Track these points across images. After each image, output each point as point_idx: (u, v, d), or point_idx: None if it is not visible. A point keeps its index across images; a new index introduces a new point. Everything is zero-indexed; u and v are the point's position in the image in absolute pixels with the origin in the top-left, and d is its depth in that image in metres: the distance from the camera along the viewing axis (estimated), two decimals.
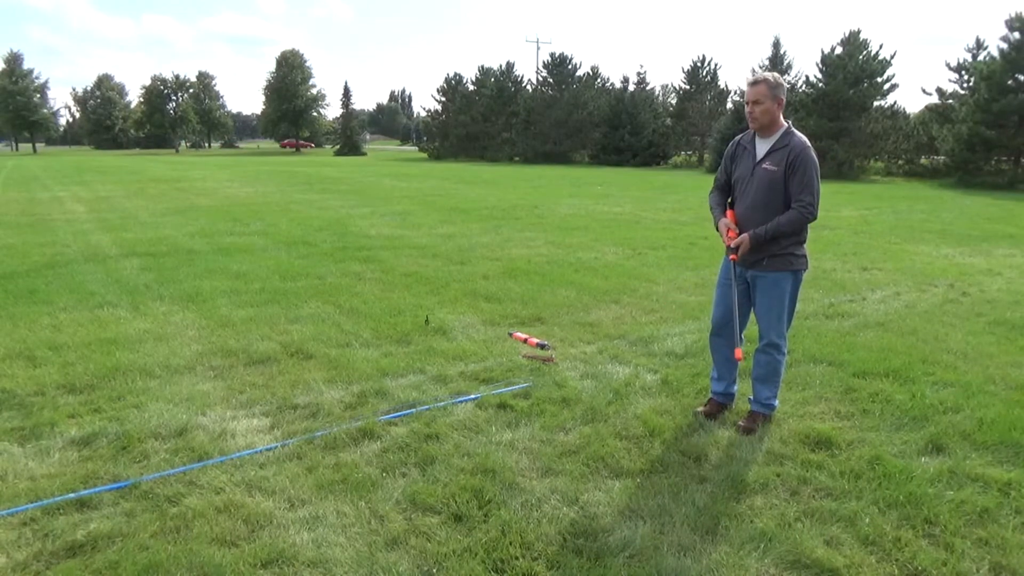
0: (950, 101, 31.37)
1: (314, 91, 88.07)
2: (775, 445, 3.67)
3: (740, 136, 3.95)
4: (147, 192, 20.45)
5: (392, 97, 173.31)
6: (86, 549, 2.77)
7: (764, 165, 3.71)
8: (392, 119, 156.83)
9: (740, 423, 3.92)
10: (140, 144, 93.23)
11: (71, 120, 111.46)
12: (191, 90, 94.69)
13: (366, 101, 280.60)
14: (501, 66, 54.14)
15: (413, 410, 4.12)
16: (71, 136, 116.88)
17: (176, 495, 3.17)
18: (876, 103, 31.94)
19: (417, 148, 72.92)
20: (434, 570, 2.65)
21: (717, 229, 3.93)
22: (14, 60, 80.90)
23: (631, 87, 49.03)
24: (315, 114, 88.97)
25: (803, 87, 35.58)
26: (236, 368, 4.86)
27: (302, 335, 5.55)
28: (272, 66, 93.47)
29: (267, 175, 30.11)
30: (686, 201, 17.97)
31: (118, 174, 30.62)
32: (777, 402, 4.02)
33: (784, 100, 3.73)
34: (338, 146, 77.11)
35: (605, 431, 3.84)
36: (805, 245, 3.81)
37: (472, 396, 4.31)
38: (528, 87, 53.51)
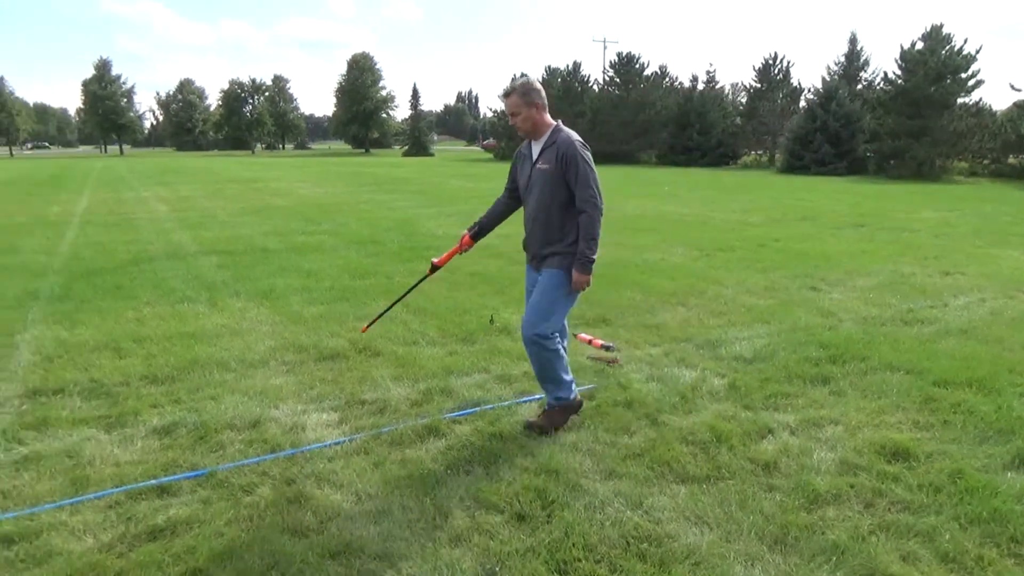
0: None
1: (384, 93, 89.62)
2: (849, 455, 3.55)
3: (521, 145, 3.95)
4: (225, 192, 21.22)
5: (459, 98, 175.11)
6: (166, 533, 2.90)
7: (538, 165, 3.73)
8: (459, 120, 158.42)
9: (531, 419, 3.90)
10: (218, 146, 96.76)
11: (155, 123, 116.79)
12: (266, 93, 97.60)
13: (434, 102, 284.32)
14: (568, 66, 53.82)
15: (478, 408, 4.15)
16: (154, 138, 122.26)
17: (250, 485, 3.28)
18: (960, 100, 30.50)
19: (483, 148, 73.45)
20: (497, 568, 2.67)
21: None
22: (103, 67, 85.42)
23: (700, 86, 48.17)
24: (384, 115, 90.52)
25: (881, 84, 34.33)
26: (307, 363, 5.00)
27: (370, 332, 5.65)
28: (343, 68, 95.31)
29: (337, 176, 30.85)
30: (757, 202, 17.55)
31: (198, 175, 31.88)
32: (568, 393, 3.85)
33: (542, 103, 3.70)
34: (406, 147, 78.32)
35: (670, 435, 3.79)
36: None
37: (536, 396, 4.31)
38: (595, 87, 53.10)
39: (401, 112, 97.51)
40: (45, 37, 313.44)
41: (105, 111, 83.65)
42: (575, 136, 3.69)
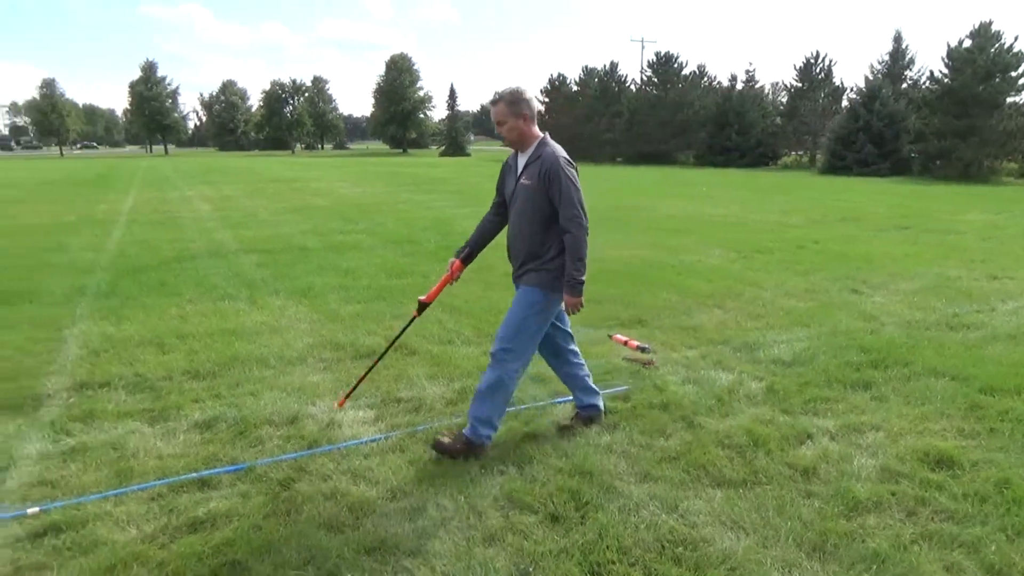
0: None
1: (421, 93, 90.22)
2: (891, 462, 3.48)
3: (509, 156, 3.81)
4: (266, 192, 21.58)
5: None
6: (206, 526, 2.96)
7: (522, 180, 3.59)
8: None
9: (442, 437, 3.64)
10: (259, 146, 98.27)
11: (198, 123, 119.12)
12: (306, 94, 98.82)
13: (470, 102, 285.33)
14: (605, 66, 53.59)
15: (512, 408, 4.14)
16: (198, 138, 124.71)
17: (287, 480, 3.34)
18: (1009, 99, 29.62)
19: None
20: (530, 569, 2.67)
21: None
22: (149, 69, 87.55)
23: (739, 85, 47.57)
24: (422, 116, 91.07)
25: (927, 83, 33.52)
26: (344, 361, 5.06)
27: (406, 332, 5.70)
28: (381, 69, 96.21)
29: (376, 176, 31.15)
30: (796, 203, 17.27)
31: (240, 174, 32.46)
32: (489, 434, 3.57)
33: (530, 114, 3.54)
34: (443, 147, 78.75)
35: (706, 438, 3.75)
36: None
37: (570, 397, 4.30)
38: (632, 87, 52.80)
39: (438, 112, 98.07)
40: (94, 40, 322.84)
41: (151, 112, 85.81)
42: (560, 152, 3.54)
